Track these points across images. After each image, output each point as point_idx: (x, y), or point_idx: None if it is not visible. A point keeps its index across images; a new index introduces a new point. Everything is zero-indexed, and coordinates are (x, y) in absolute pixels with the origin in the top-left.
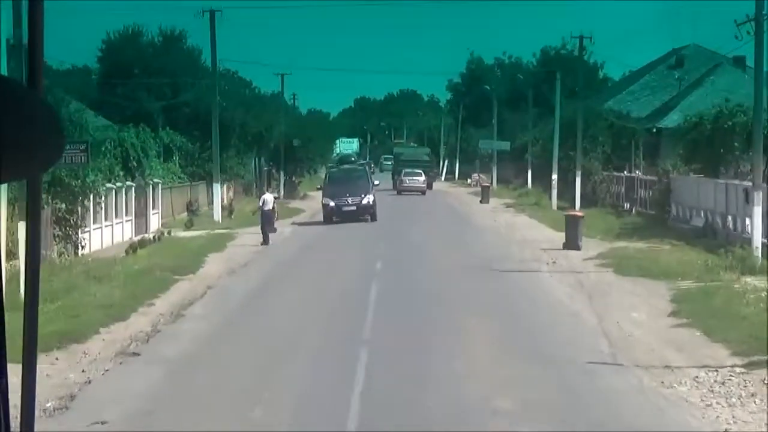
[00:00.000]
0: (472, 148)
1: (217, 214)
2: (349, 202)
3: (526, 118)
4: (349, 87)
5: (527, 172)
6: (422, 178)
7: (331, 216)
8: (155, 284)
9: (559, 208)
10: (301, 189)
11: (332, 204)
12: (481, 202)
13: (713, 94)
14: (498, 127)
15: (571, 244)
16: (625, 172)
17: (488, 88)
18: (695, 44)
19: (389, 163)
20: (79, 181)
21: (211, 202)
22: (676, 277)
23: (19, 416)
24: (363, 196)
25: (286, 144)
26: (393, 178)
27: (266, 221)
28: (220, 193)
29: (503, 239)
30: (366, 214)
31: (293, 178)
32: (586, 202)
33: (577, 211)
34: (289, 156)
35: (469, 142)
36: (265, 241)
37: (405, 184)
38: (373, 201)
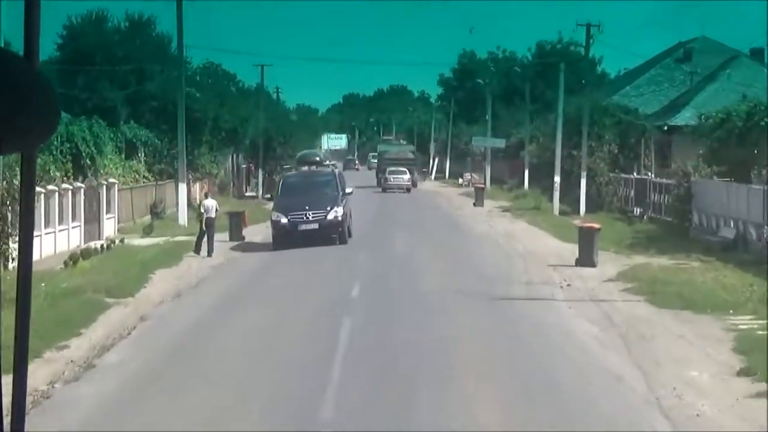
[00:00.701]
0: (464, 146)
1: (183, 218)
2: (310, 217)
3: (521, 114)
4: (338, 82)
5: (523, 172)
6: (407, 176)
7: (284, 238)
8: (80, 312)
9: (561, 212)
10: None
11: (285, 221)
12: (474, 204)
13: (729, 89)
14: (491, 124)
15: (586, 260)
16: (635, 174)
17: (481, 82)
18: (704, 36)
19: (377, 161)
20: (5, 183)
21: (192, 201)
22: (727, 309)
23: (9, 416)
24: (329, 209)
25: (265, 140)
26: (377, 176)
27: (207, 231)
28: (186, 193)
29: (503, 252)
30: (333, 233)
31: (274, 176)
32: (591, 206)
33: (589, 220)
34: (269, 153)
35: (461, 139)
36: (197, 251)
37: (390, 182)
38: (344, 215)
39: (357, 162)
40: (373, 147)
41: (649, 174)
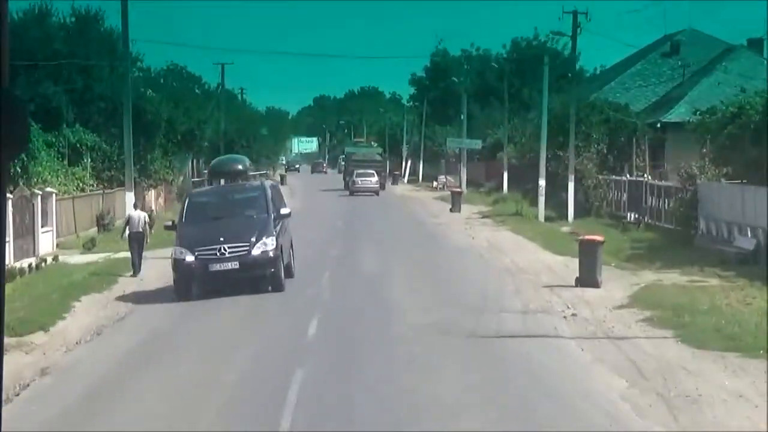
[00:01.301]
0: (437, 147)
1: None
2: (226, 253)
3: (497, 114)
4: (309, 84)
5: (502, 175)
6: (375, 178)
7: (190, 283)
8: None
9: (546, 219)
10: None
11: (190, 260)
12: (451, 210)
13: (727, 82)
14: (466, 125)
15: (588, 279)
16: (627, 176)
17: (456, 80)
18: (692, 29)
19: (344, 163)
20: None
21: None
22: None
23: None
24: (254, 240)
25: (226, 143)
26: (344, 179)
27: (131, 248)
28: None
29: (489, 268)
30: (262, 274)
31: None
32: (578, 211)
33: (579, 227)
34: None
35: (434, 141)
36: (135, 273)
37: (357, 185)
38: (277, 248)
39: (324, 165)
40: (344, 150)
41: (645, 176)
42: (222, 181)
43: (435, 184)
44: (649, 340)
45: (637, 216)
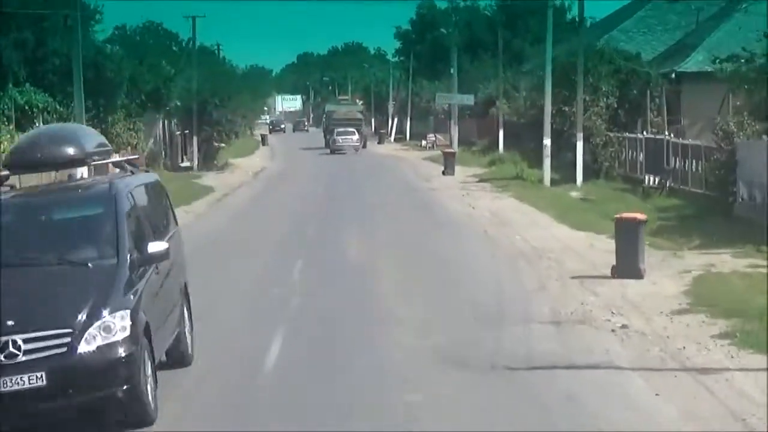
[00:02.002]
0: (425, 104)
1: None
2: (18, 354)
3: (487, 68)
4: (291, 41)
5: (496, 133)
6: (356, 136)
7: None
8: None
9: (551, 182)
10: (223, 155)
11: None
12: (444, 173)
13: (749, 26)
14: (457, 79)
15: (628, 268)
16: (644, 133)
17: (445, 31)
18: None
19: (324, 121)
20: None
21: None
22: None
23: None
24: (81, 322)
25: (199, 102)
26: (325, 137)
27: None
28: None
29: (498, 250)
30: (97, 398)
31: (214, 144)
32: (586, 173)
33: (591, 192)
34: (204, 117)
35: (422, 97)
36: None
37: (338, 144)
38: (134, 336)
39: (306, 123)
40: (324, 108)
41: (666, 133)
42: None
43: (424, 142)
44: (745, 373)
45: (659, 179)
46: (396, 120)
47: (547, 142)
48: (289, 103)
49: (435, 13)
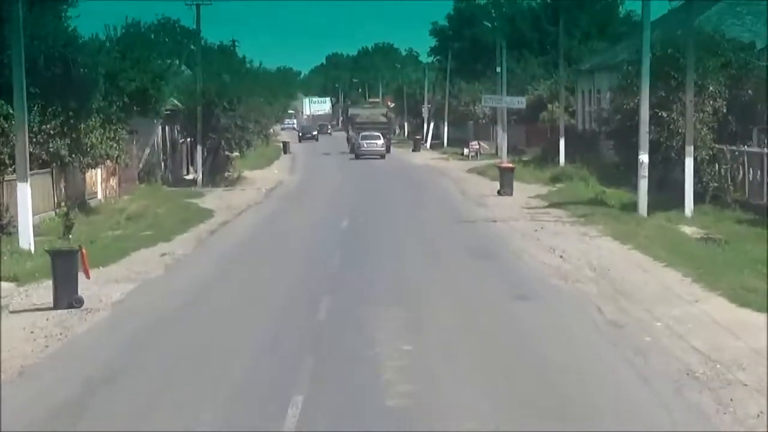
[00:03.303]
0: (464, 107)
1: (26, 238)
2: None
3: (533, 68)
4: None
5: (552, 142)
6: (381, 141)
7: None
8: None
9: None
10: (236, 166)
11: None
12: (500, 192)
13: None
14: (505, 78)
15: None
16: None
17: (489, 25)
18: None
19: (348, 125)
20: None
21: (61, 203)
22: None
23: None
24: None
25: (204, 106)
26: (348, 141)
27: None
28: (29, 198)
29: (646, 366)
30: None
31: (223, 153)
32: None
33: (716, 232)
34: (210, 123)
35: (460, 99)
36: None
37: (363, 148)
38: None
39: (329, 126)
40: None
41: None
42: None
43: (465, 151)
44: None
45: None
46: (432, 125)
47: (644, 157)
48: (317, 105)
49: (474, 8)
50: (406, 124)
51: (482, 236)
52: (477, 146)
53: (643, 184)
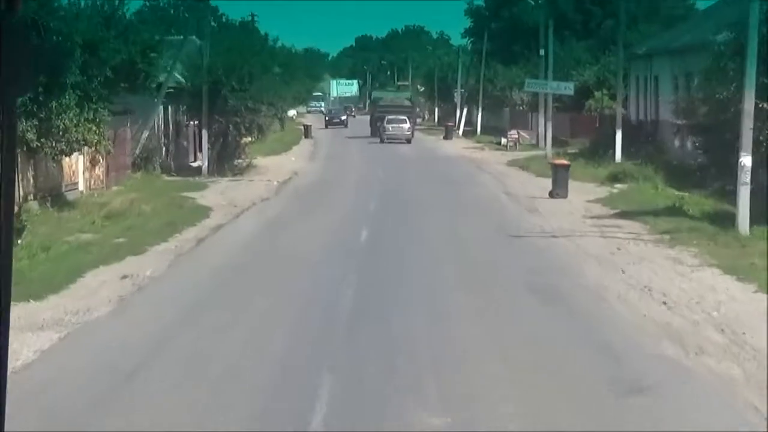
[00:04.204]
0: (499, 92)
1: None
2: None
3: (578, 51)
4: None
5: (595, 131)
6: (407, 125)
7: None
8: None
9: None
10: (249, 152)
11: None
12: (552, 194)
13: None
14: (552, 62)
15: None
16: None
17: (532, 2)
18: None
19: (372, 108)
20: None
21: (29, 196)
22: None
23: None
24: None
25: (211, 85)
26: (371, 125)
27: None
28: None
29: None
30: None
31: (235, 138)
32: None
33: None
34: (217, 104)
35: (496, 84)
36: None
37: (388, 132)
38: None
39: (353, 109)
40: (370, 94)
41: None
42: None
43: (503, 140)
44: None
45: None
46: (465, 111)
47: (746, 159)
48: (344, 88)
49: None
50: (436, 109)
51: (542, 259)
52: (516, 135)
53: (745, 193)
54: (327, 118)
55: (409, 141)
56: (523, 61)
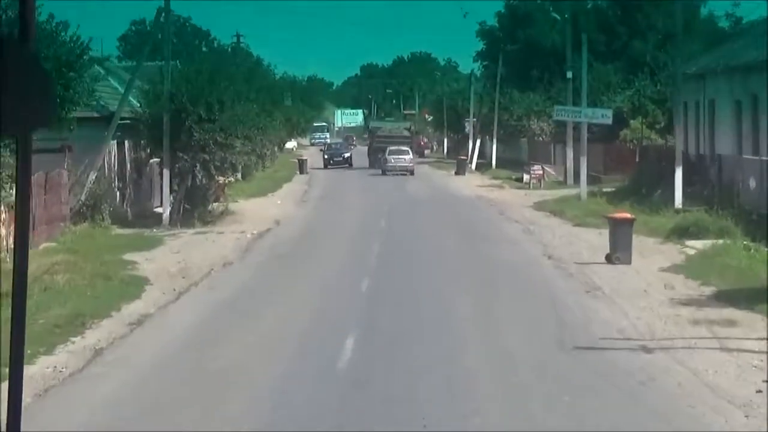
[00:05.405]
0: (516, 122)
1: None
2: None
3: (606, 74)
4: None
5: (634, 166)
6: (408, 156)
7: None
8: None
9: None
10: (229, 195)
11: None
12: (611, 259)
13: None
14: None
15: None
16: None
17: (558, 17)
18: None
19: (369, 139)
20: None
21: None
22: None
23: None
24: None
25: (173, 113)
26: (369, 156)
27: None
28: None
29: None
30: None
31: (203, 180)
32: None
33: None
34: (179, 139)
35: (512, 113)
36: None
37: (390, 164)
38: None
39: (353, 139)
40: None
41: None
42: None
43: (526, 177)
44: None
45: None
46: (478, 142)
47: None
48: (349, 118)
49: (531, 5)
50: (445, 139)
51: (633, 404)
52: (540, 171)
53: None
54: (326, 156)
55: (411, 173)
56: (542, 87)
